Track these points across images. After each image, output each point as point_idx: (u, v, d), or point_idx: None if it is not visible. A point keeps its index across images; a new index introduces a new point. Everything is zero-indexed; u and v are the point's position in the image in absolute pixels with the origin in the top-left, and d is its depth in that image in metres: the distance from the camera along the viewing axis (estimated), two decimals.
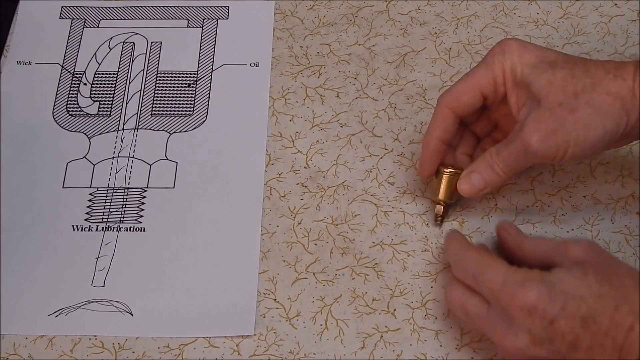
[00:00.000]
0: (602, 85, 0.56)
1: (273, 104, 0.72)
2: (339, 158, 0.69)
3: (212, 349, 0.60)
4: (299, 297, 0.63)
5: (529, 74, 0.58)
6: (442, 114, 0.62)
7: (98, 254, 0.65)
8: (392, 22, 0.77)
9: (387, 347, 0.60)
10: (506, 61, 0.59)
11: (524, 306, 0.52)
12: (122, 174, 0.68)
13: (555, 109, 0.56)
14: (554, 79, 0.57)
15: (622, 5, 0.77)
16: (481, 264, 0.55)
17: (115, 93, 0.73)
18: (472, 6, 0.77)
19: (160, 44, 0.76)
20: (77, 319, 0.62)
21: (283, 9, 0.78)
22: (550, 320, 0.51)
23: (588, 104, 0.56)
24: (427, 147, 0.63)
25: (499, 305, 0.53)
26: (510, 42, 0.60)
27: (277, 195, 0.67)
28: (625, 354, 0.50)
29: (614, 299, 0.51)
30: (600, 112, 0.56)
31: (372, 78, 0.73)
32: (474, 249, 0.58)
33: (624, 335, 0.50)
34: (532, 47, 0.60)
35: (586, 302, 0.51)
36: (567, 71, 0.57)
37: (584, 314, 0.51)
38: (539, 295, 0.51)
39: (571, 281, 0.52)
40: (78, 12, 0.78)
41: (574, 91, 0.56)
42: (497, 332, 0.54)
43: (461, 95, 0.61)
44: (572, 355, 0.52)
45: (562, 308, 0.51)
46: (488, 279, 0.54)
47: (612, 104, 0.56)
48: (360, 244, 0.65)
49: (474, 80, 0.61)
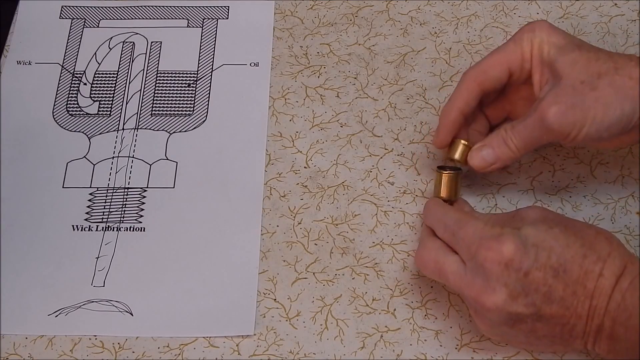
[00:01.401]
0: (625, 69, 0.57)
1: (273, 103, 0.72)
2: (339, 158, 0.69)
3: (212, 349, 0.60)
4: (299, 297, 0.63)
5: (555, 52, 0.59)
6: (467, 87, 0.62)
7: (98, 254, 0.65)
8: (392, 22, 0.77)
9: (387, 347, 0.60)
10: (535, 38, 0.60)
11: (501, 259, 0.53)
12: (122, 174, 0.68)
13: (576, 86, 0.57)
14: (579, 58, 0.58)
15: (622, 5, 0.77)
16: (461, 220, 0.57)
17: (115, 93, 0.73)
18: (472, 6, 0.77)
19: (160, 44, 0.76)
20: (77, 319, 0.62)
21: (283, 9, 0.78)
22: (525, 272, 0.53)
23: (610, 85, 0.57)
24: (446, 117, 0.63)
25: (476, 262, 0.54)
26: (541, 23, 0.61)
27: (277, 195, 0.67)
28: (596, 299, 0.52)
29: (582, 247, 0.53)
30: (621, 93, 0.57)
31: (372, 78, 0.73)
32: (455, 208, 0.60)
33: (594, 281, 0.52)
34: (561, 30, 0.61)
35: (555, 252, 0.53)
36: (592, 54, 0.59)
37: (554, 264, 0.53)
38: (515, 247, 0.53)
39: (539, 234, 0.54)
40: (78, 12, 0.78)
41: (597, 71, 0.58)
42: (474, 290, 0.54)
43: (489, 69, 0.62)
44: (546, 308, 0.53)
45: (535, 259, 0.53)
46: (466, 233, 0.55)
47: (633, 88, 0.57)
48: (360, 243, 0.65)
49: (502, 55, 0.62)
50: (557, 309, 0.53)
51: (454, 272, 0.56)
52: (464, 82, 0.62)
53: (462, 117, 0.62)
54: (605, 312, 0.52)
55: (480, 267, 0.54)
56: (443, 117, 0.63)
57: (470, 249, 0.54)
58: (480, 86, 0.62)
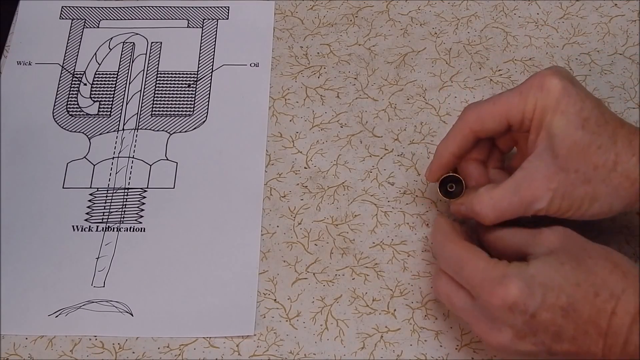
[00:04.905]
0: (623, 166, 0.54)
1: (273, 104, 0.72)
2: (339, 158, 0.69)
3: (212, 349, 0.60)
4: (299, 297, 0.63)
5: (557, 127, 0.56)
6: (463, 134, 0.60)
7: (98, 254, 0.65)
8: (392, 23, 0.77)
9: (387, 348, 0.60)
10: (540, 101, 0.56)
11: (504, 303, 0.52)
12: (122, 174, 0.68)
13: (570, 174, 0.55)
14: (579, 142, 0.55)
15: (622, 6, 0.77)
16: (461, 259, 0.55)
17: (115, 93, 0.73)
18: (472, 6, 0.77)
19: (160, 44, 0.76)
20: (77, 319, 0.62)
21: (283, 9, 0.78)
22: (532, 314, 0.51)
23: (604, 182, 0.55)
24: (439, 158, 0.61)
25: (481, 302, 0.53)
26: (553, 82, 0.56)
27: (277, 196, 0.67)
28: (611, 339, 0.51)
29: (593, 286, 0.51)
30: (613, 193, 0.55)
31: (372, 78, 0.73)
32: (455, 241, 0.57)
33: (607, 320, 0.50)
34: (572, 93, 0.56)
35: (565, 291, 0.51)
36: (595, 137, 0.55)
37: (564, 304, 0.51)
38: (518, 291, 0.52)
39: (548, 272, 0.52)
40: (78, 12, 0.78)
41: (594, 164, 0.55)
42: (481, 328, 0.54)
43: (488, 119, 0.59)
44: (557, 346, 0.52)
45: (542, 301, 0.51)
46: (468, 274, 0.54)
47: (627, 189, 0.55)
48: (361, 244, 0.65)
49: (504, 107, 0.58)
50: (568, 347, 0.52)
51: (463, 309, 0.56)
52: (461, 126, 0.60)
53: (455, 159, 0.61)
54: (622, 352, 0.50)
55: (485, 308, 0.53)
56: (437, 157, 0.62)
57: (475, 290, 0.54)
58: (475, 134, 0.60)
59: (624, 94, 0.72)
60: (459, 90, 0.72)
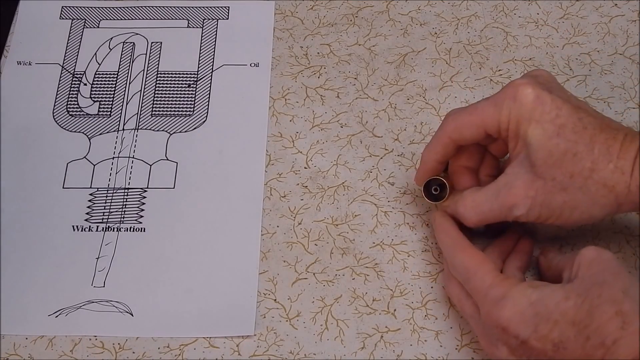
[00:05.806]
0: (600, 174, 0.54)
1: (273, 104, 0.72)
2: (339, 158, 0.69)
3: (212, 349, 0.60)
4: (299, 297, 0.63)
5: (532, 136, 0.55)
6: (443, 142, 0.60)
7: (98, 254, 0.65)
8: (392, 23, 0.77)
9: (387, 348, 0.60)
10: (514, 111, 0.56)
11: (498, 324, 0.53)
12: (122, 174, 0.68)
13: (547, 182, 0.55)
14: (555, 150, 0.54)
15: (622, 6, 0.77)
16: (469, 270, 0.56)
17: (115, 93, 0.73)
18: (472, 6, 0.77)
19: (160, 44, 0.76)
20: (77, 319, 0.62)
21: (283, 9, 0.78)
22: (523, 340, 0.52)
23: (580, 190, 0.54)
24: (424, 164, 0.62)
25: (482, 316, 0.55)
26: (526, 92, 0.56)
27: (277, 196, 0.67)
28: None
29: (586, 329, 0.50)
30: (591, 201, 0.55)
31: (372, 78, 0.73)
32: (465, 249, 0.58)
33: None
34: (546, 101, 0.55)
35: (559, 327, 0.50)
36: (570, 145, 0.54)
37: (555, 339, 0.51)
38: (511, 316, 0.52)
39: (549, 304, 0.51)
40: (78, 12, 0.78)
41: (570, 172, 0.54)
42: (483, 339, 0.56)
43: (465, 129, 0.59)
44: None
45: (534, 330, 0.51)
46: (473, 287, 0.55)
47: (605, 197, 0.54)
48: (361, 244, 0.65)
49: (479, 117, 0.58)
50: None
51: (471, 317, 0.57)
52: (442, 135, 0.60)
53: (439, 165, 0.61)
54: None
55: (484, 323, 0.55)
56: (422, 162, 0.62)
57: (478, 304, 0.55)
58: (455, 142, 0.60)
59: (624, 94, 0.72)
60: (459, 90, 0.72)
